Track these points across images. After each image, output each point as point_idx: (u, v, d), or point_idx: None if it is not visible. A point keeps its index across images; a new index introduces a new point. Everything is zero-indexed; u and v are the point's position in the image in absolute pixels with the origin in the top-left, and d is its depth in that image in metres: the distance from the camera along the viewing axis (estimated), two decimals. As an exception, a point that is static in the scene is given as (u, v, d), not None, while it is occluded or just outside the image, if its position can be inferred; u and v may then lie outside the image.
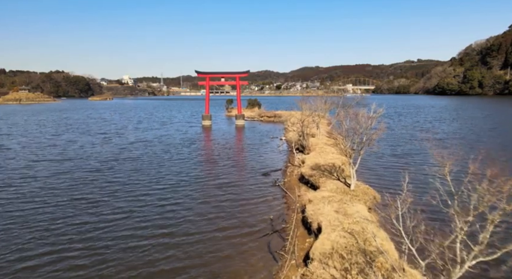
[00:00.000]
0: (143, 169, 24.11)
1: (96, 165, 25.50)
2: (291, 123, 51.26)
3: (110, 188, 19.64)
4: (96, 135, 41.68)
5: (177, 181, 21.07)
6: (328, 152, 24.77)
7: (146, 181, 20.98)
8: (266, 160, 27.92)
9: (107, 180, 21.43)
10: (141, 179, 21.37)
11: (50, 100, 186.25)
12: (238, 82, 59.50)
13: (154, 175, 22.68)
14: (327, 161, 21.36)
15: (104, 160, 26.83)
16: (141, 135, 42.35)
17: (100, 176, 22.32)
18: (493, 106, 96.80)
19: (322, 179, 17.48)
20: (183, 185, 20.11)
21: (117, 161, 26.35)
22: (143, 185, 20.23)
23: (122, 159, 27.11)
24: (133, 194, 18.45)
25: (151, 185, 20.11)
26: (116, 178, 21.72)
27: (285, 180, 21.53)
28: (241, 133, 47.02)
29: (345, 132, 14.90)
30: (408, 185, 8.11)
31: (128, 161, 26.48)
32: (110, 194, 18.63)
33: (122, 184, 20.25)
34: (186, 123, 61.38)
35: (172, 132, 45.25)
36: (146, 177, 22.05)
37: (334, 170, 19.32)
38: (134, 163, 26.01)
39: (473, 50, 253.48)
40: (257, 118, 69.52)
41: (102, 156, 28.43)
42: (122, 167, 24.59)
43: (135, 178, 21.81)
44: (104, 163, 25.94)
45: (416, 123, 52.42)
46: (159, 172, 23.39)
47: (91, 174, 22.87)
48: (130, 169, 23.94)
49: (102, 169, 24.09)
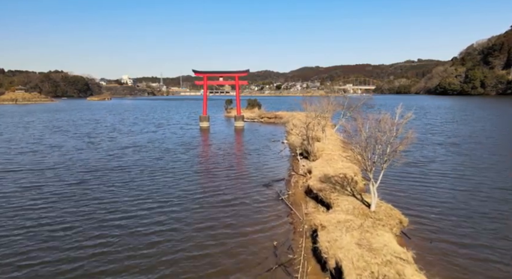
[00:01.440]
0: (131, 182, 20.98)
1: (77, 177, 22.21)
2: (293, 125, 48.71)
3: (87, 209, 16.38)
4: (85, 139, 38.87)
5: (168, 198, 17.98)
6: (337, 159, 22.21)
7: (133, 199, 17.82)
8: (267, 168, 25.37)
9: (86, 197, 18.20)
10: (127, 197, 18.19)
11: (47, 100, 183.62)
12: (238, 82, 56.91)
13: (143, 190, 19.43)
14: (337, 171, 18.81)
15: (87, 171, 23.76)
16: (134, 138, 39.53)
17: (78, 191, 19.16)
18: (497, 106, 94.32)
19: (334, 194, 14.92)
20: (175, 204, 16.99)
21: (102, 172, 23.33)
22: (129, 205, 16.99)
23: (108, 169, 24.21)
24: (114, 218, 15.27)
25: (138, 205, 16.85)
26: (98, 194, 18.63)
27: (290, 193, 18.96)
28: (240, 136, 44.45)
29: (364, 141, 12.33)
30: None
31: (115, 171, 23.56)
32: (85, 217, 15.28)
33: (103, 203, 17.18)
34: (184, 124, 58.84)
35: (168, 135, 42.51)
36: (133, 193, 18.82)
37: (346, 182, 16.76)
38: (122, 174, 22.95)
39: (474, 50, 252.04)
40: (257, 119, 66.94)
41: (86, 165, 25.39)
42: (107, 179, 21.55)
43: (121, 194, 18.65)
44: (86, 175, 22.75)
45: (428, 125, 49.45)
46: (149, 186, 20.29)
47: (68, 189, 19.63)
48: (117, 182, 20.86)
49: (83, 183, 20.88)
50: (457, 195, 17.70)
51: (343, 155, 23.32)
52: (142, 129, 50.53)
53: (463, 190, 18.68)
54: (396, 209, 12.62)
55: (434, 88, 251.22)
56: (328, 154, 24.13)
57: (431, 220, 14.15)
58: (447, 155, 28.38)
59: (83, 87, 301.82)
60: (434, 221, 14.04)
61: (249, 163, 27.02)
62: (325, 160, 22.54)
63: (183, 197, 18.09)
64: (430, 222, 13.87)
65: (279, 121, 63.54)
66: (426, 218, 14.18)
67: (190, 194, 18.63)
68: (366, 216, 11.88)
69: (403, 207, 14.58)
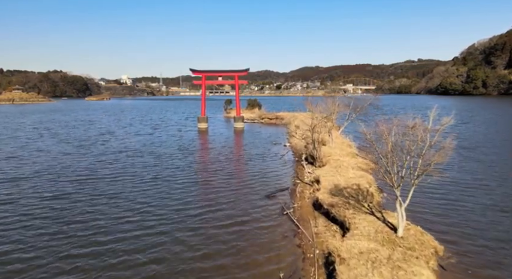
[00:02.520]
0: (120, 195, 18.36)
1: (58, 189, 19.47)
2: (295, 126, 46.57)
3: (64, 232, 13.71)
4: (75, 142, 36.37)
5: (160, 217, 15.34)
6: (347, 166, 20.07)
7: (122, 217, 15.28)
8: (269, 175, 23.20)
9: (65, 215, 15.51)
10: (115, 214, 15.62)
11: (44, 100, 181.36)
12: (237, 81, 54.71)
13: (134, 206, 16.77)
14: (348, 182, 16.67)
15: (71, 181, 21.19)
16: (128, 142, 37.13)
17: (57, 207, 16.54)
18: (502, 106, 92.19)
19: (349, 211, 12.76)
20: (167, 224, 14.48)
21: (88, 182, 20.79)
22: (116, 225, 14.35)
23: (95, 178, 21.61)
24: (97, 242, 12.75)
25: (127, 225, 14.36)
26: (80, 212, 16.01)
27: (295, 205, 16.80)
28: (240, 138, 42.28)
29: (389, 152, 10.16)
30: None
31: (104, 181, 20.92)
32: (60, 244, 12.57)
33: (85, 223, 14.59)
34: (182, 126, 56.68)
35: (164, 138, 40.13)
36: (122, 210, 16.21)
37: (361, 196, 14.61)
38: (111, 185, 20.30)
39: (476, 49, 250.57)
40: (257, 120, 64.78)
41: (72, 174, 22.82)
42: (93, 192, 18.95)
43: (108, 211, 16.02)
44: (69, 186, 20.12)
45: (436, 126, 47.04)
46: (141, 200, 17.60)
47: (44, 205, 16.84)
48: (104, 196, 18.27)
49: (64, 197, 18.19)
50: (487, 212, 15.54)
51: (353, 162, 21.20)
52: (138, 131, 48.24)
53: (491, 205, 16.52)
54: (428, 234, 10.44)
55: (436, 88, 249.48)
56: (336, 160, 21.99)
57: (463, 244, 11.98)
58: (464, 161, 26.23)
59: (82, 87, 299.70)
60: (466, 245, 11.89)
61: (250, 169, 24.84)
62: (334, 167, 20.40)
63: (180, 214, 15.68)
64: (462, 247, 11.72)
65: (280, 122, 61.40)
66: (458, 243, 12.00)
67: (187, 209, 16.27)
68: (394, 244, 9.73)
69: (429, 227, 12.39)
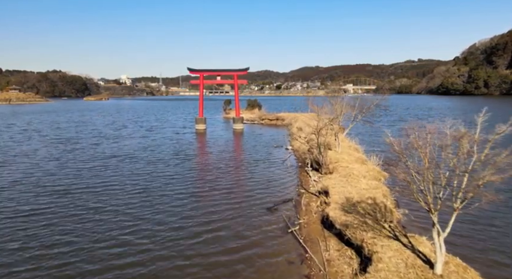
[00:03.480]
0: (106, 210, 15.93)
1: (36, 201, 16.90)
2: (296, 128, 44.52)
3: (35, 255, 11.67)
4: (63, 146, 33.92)
5: (149, 240, 12.84)
6: (358, 175, 18.01)
7: (104, 240, 12.85)
8: (271, 183, 21.15)
9: (41, 234, 13.26)
10: (97, 236, 13.19)
11: (41, 100, 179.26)
12: (237, 81, 52.66)
13: (119, 224, 14.31)
14: (362, 194, 14.61)
15: (53, 191, 18.61)
16: (121, 145, 34.86)
17: (31, 224, 14.20)
18: (508, 106, 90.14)
19: (368, 235, 10.70)
20: (162, 249, 12.19)
21: (71, 193, 18.22)
22: (97, 252, 11.89)
23: (79, 189, 19.08)
24: (73, 276, 10.45)
25: (109, 253, 11.89)
26: (58, 230, 13.68)
27: (301, 222, 14.73)
28: (239, 141, 40.24)
29: (426, 168, 8.10)
30: None
31: (89, 193, 18.37)
32: (31, 275, 10.39)
33: (62, 245, 12.47)
34: (179, 128, 54.55)
35: (159, 142, 37.83)
36: (106, 229, 13.79)
37: (379, 213, 12.56)
38: (96, 198, 17.74)
39: (477, 49, 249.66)
40: (257, 121, 62.74)
41: (54, 183, 20.26)
42: (75, 205, 16.43)
43: (90, 231, 13.59)
44: (49, 197, 17.58)
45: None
46: (127, 217, 15.16)
47: (17, 222, 14.48)
48: (87, 211, 15.76)
49: (41, 210, 15.66)
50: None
51: (364, 170, 19.13)
52: (132, 133, 46.03)
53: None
54: (472, 269, 8.37)
55: (437, 88, 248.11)
56: (344, 167, 19.93)
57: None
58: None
59: (81, 87, 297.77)
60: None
61: (249, 177, 22.76)
62: (343, 175, 18.34)
63: (173, 236, 13.44)
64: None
65: (280, 123, 59.41)
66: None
67: (183, 229, 14.08)
68: (432, 284, 7.69)
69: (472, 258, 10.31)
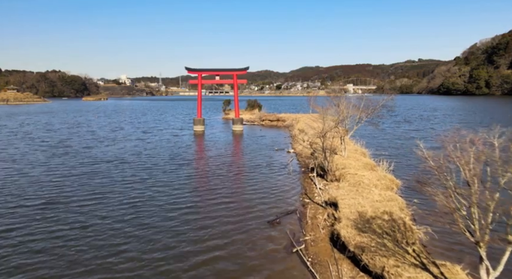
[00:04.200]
0: (91, 226, 14.06)
1: (13, 216, 15.17)
2: (298, 130, 42.89)
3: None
4: (52, 150, 32.11)
5: (136, 265, 11.09)
6: (369, 184, 16.36)
7: (88, 263, 11.13)
8: (273, 191, 19.49)
9: (15, 256, 11.58)
10: (79, 259, 11.42)
11: (39, 100, 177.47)
12: (236, 80, 50.98)
13: (105, 243, 12.56)
14: (376, 208, 12.96)
15: (33, 205, 16.53)
16: (114, 149, 32.90)
17: (6, 243, 12.61)
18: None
19: (389, 262, 9.04)
20: (145, 277, 10.51)
21: (53, 206, 16.35)
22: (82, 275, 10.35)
23: (63, 201, 17.22)
24: None
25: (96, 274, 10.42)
26: (36, 249, 12.04)
27: (307, 238, 13.08)
28: (239, 143, 38.56)
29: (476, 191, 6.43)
30: None
31: (73, 205, 16.52)
32: None
33: (39, 269, 10.84)
34: (177, 129, 52.81)
35: (155, 144, 35.95)
36: (91, 249, 12.09)
37: (399, 232, 10.92)
38: (81, 211, 15.83)
39: (478, 49, 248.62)
40: (257, 122, 61.11)
41: (35, 194, 18.32)
42: (57, 221, 14.53)
43: (72, 252, 11.91)
44: (28, 211, 15.68)
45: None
46: (115, 235, 13.25)
47: None
48: (70, 227, 13.98)
49: (18, 228, 13.85)
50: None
51: (374, 178, 17.47)
52: (128, 135, 44.23)
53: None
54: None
55: (437, 88, 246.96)
56: (353, 174, 18.26)
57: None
58: None
59: (80, 87, 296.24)
60: None
61: (250, 184, 21.08)
62: (352, 184, 16.68)
63: (164, 258, 11.81)
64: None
65: (281, 124, 57.76)
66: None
67: (174, 249, 12.30)
68: None
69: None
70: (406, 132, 43.82)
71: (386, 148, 31.52)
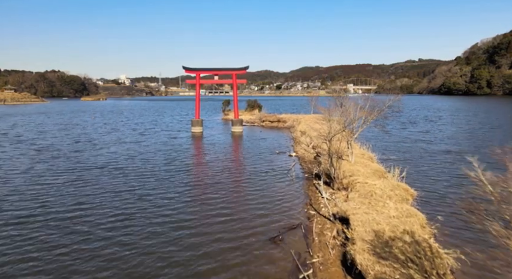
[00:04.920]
0: (72, 248, 12.32)
1: None
2: (300, 131, 41.24)
3: None
4: (40, 154, 29.75)
5: None
6: (382, 195, 14.68)
7: None
8: (274, 201, 17.82)
9: None
10: None
11: (37, 100, 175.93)
12: (235, 80, 49.30)
13: (88, 269, 10.83)
14: (393, 225, 11.29)
15: (4, 220, 14.79)
16: (107, 153, 30.91)
17: None
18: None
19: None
20: None
21: (30, 223, 14.47)
22: None
23: (38, 216, 15.34)
24: None
25: None
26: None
27: (315, 261, 11.41)
28: (238, 146, 36.91)
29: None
30: None
31: (52, 223, 14.61)
32: None
33: None
34: (175, 131, 51.14)
35: (151, 147, 34.02)
36: (73, 276, 10.45)
37: (424, 257, 9.25)
38: (61, 228, 13.98)
39: (479, 49, 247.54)
40: (257, 122, 59.48)
41: (11, 207, 16.31)
42: (32, 242, 12.72)
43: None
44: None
45: (489, 140, 35.63)
46: (91, 263, 11.27)
47: None
48: (44, 245, 12.39)
49: None
50: None
51: (387, 187, 15.78)
52: (123, 137, 42.44)
53: None
54: None
55: (438, 88, 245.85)
56: (363, 183, 16.59)
57: None
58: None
59: (80, 87, 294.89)
60: None
61: (249, 194, 19.40)
62: (363, 195, 15.00)
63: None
64: None
65: (282, 125, 56.14)
66: None
67: (165, 276, 10.82)
68: None
69: None
70: (412, 134, 42.12)
71: (393, 152, 29.84)
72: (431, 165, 24.97)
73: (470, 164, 5.84)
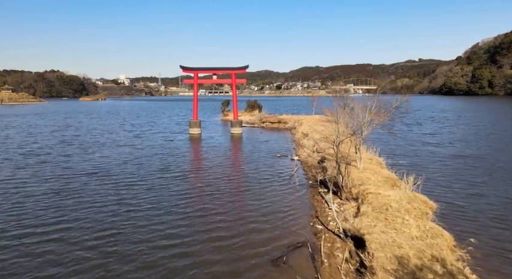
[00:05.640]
0: (42, 274, 10.81)
1: None
2: (302, 133, 39.56)
3: None
4: (27, 158, 28.00)
5: None
6: (399, 209, 12.96)
7: None
8: (276, 214, 16.14)
9: None
10: None
11: (35, 101, 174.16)
12: (234, 80, 47.57)
13: None
14: (417, 249, 9.60)
15: None
16: (98, 157, 28.79)
17: None
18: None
19: None
20: None
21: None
22: None
23: (11, 234, 13.58)
24: None
25: None
26: None
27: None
28: (237, 148, 35.23)
29: None
30: None
31: (26, 240, 13.12)
32: None
33: None
34: (172, 133, 49.43)
35: (145, 151, 31.96)
36: None
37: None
38: (33, 249, 12.39)
39: (480, 49, 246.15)
40: (258, 123, 57.82)
41: None
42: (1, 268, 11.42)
43: None
44: None
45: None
46: None
47: None
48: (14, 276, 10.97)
49: None
50: None
51: (404, 199, 14.04)
52: (117, 140, 40.57)
53: None
54: None
55: (439, 88, 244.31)
56: (376, 194, 14.86)
57: None
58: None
59: (79, 87, 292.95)
60: None
61: (249, 205, 17.69)
62: (377, 209, 13.29)
63: None
64: None
65: (283, 126, 54.48)
66: None
67: None
68: None
69: None
70: (419, 136, 40.34)
71: (401, 156, 28.11)
72: (444, 171, 23.23)
73: (487, 171, 4.14)
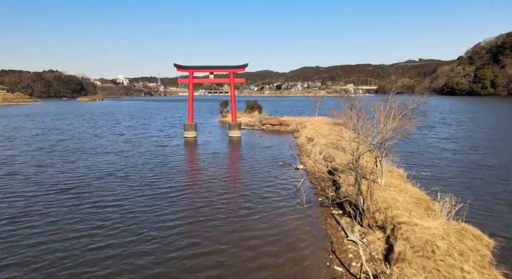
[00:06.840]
0: None
1: None
2: (306, 138, 36.30)
3: None
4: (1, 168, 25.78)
5: None
6: (449, 251, 9.70)
7: None
8: (280, 242, 12.97)
9: None
10: None
11: (30, 101, 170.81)
12: (233, 79, 44.29)
13: None
14: None
15: None
16: (79, 167, 25.28)
17: None
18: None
19: None
20: None
21: None
22: None
23: None
24: None
25: None
26: None
27: None
28: (235, 156, 31.99)
29: None
30: None
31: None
32: None
33: None
34: (166, 137, 46.23)
35: (135, 160, 28.34)
36: None
37: None
38: None
39: (482, 48, 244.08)
40: (258, 126, 54.57)
41: None
42: None
43: None
44: None
45: None
46: None
47: None
48: None
49: None
50: None
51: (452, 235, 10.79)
52: (105, 146, 36.76)
53: None
54: None
55: (441, 88, 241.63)
56: (411, 224, 11.60)
57: None
58: None
59: (77, 87, 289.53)
60: None
61: (247, 231, 14.47)
62: (421, 252, 10.01)
63: None
64: None
65: (284, 129, 51.24)
66: None
67: None
68: None
69: None
70: (435, 141, 36.90)
71: (421, 167, 24.73)
72: (475, 187, 19.82)
73: None
